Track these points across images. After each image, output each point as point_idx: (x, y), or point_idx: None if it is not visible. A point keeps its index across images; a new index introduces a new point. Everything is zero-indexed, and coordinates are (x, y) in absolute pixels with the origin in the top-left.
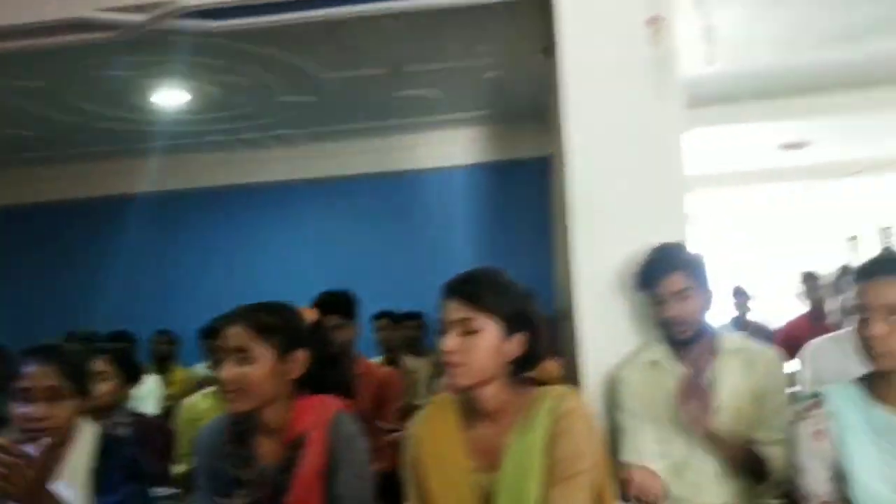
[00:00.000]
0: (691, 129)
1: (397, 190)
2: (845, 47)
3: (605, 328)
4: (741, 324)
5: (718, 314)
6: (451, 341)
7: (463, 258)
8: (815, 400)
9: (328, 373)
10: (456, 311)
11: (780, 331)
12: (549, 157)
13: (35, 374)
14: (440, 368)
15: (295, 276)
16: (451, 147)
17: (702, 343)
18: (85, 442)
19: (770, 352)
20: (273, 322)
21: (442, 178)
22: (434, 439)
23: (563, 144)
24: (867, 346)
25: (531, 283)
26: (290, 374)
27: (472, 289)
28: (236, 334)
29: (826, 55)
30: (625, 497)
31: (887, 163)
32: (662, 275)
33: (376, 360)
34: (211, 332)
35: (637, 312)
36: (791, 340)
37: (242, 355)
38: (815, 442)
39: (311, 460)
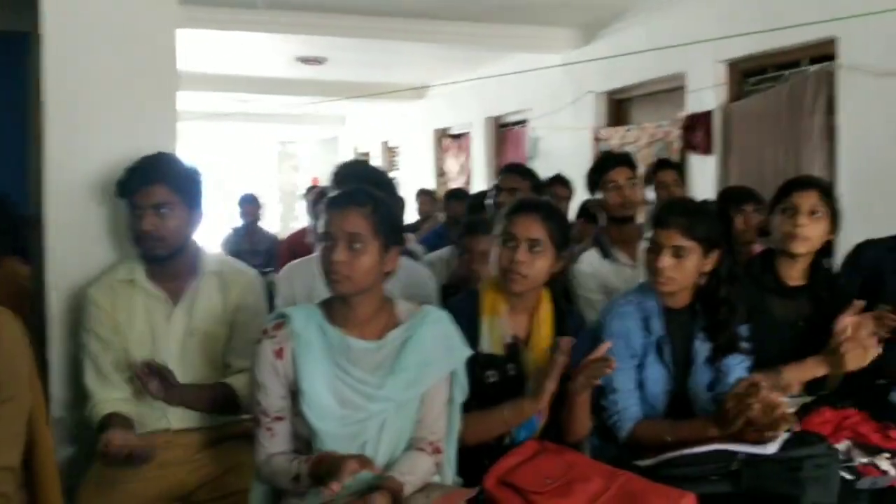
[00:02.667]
0: (198, 28)
1: None
2: None
3: (76, 239)
4: (249, 231)
5: (226, 221)
6: None
7: None
8: (280, 320)
9: None
10: None
11: (284, 240)
12: (29, 33)
13: None
14: None
15: None
16: None
17: (181, 262)
18: None
19: (248, 274)
20: None
21: None
22: None
23: (41, 25)
24: (328, 270)
25: (4, 177)
26: None
27: None
28: None
29: None
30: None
31: (394, 88)
32: (143, 185)
33: None
34: None
35: (116, 225)
36: (294, 250)
37: None
38: (275, 360)
39: None
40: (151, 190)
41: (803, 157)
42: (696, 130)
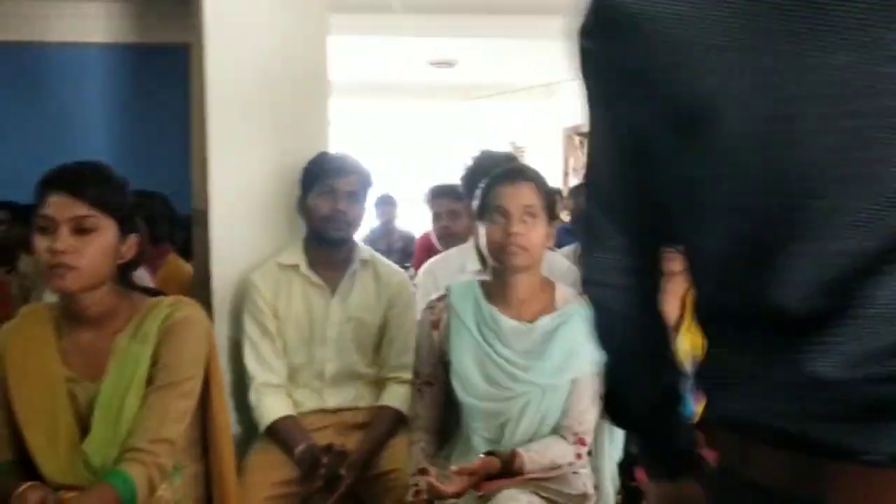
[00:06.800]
0: (339, 35)
1: (19, 62)
2: None
3: (238, 232)
4: (387, 231)
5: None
6: (64, 241)
7: (94, 148)
8: (442, 293)
9: None
10: (68, 207)
11: (419, 239)
12: (190, 45)
13: None
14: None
15: None
16: (85, 21)
17: (344, 251)
18: None
19: (401, 274)
20: None
21: (73, 54)
22: (21, 351)
23: (201, 37)
24: (506, 244)
25: (167, 179)
26: None
27: (87, 184)
28: None
29: None
30: None
31: (519, 87)
32: (343, 173)
33: None
34: None
35: (272, 220)
36: (429, 249)
37: None
38: (431, 330)
39: None
40: (350, 178)
41: None
42: None
